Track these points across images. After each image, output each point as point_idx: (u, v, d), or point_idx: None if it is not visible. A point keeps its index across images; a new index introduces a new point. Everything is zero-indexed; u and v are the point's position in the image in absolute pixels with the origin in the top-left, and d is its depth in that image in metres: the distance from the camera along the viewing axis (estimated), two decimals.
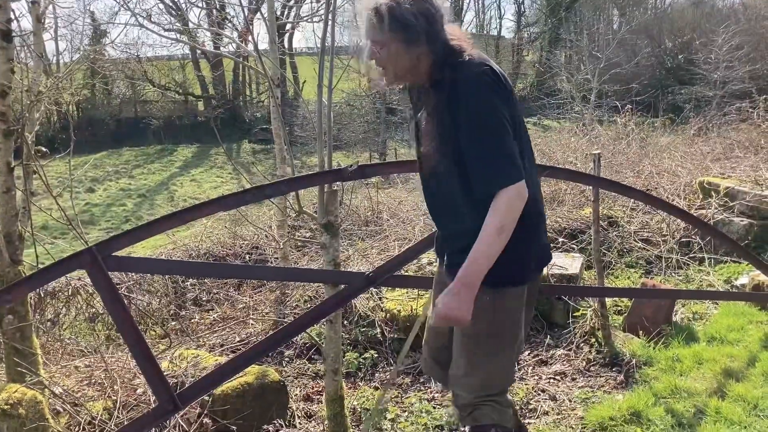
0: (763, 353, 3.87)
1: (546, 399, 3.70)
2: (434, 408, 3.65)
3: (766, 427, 3.07)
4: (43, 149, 3.53)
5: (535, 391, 3.81)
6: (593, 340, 4.27)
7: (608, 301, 4.56)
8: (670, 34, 33.33)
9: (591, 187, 4.41)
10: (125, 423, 3.11)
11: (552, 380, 3.99)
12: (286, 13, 19.48)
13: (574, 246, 5.67)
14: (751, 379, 3.58)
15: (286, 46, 27.93)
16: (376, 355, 4.23)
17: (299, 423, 3.60)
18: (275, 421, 3.48)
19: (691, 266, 5.63)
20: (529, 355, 4.37)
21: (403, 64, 2.14)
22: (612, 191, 4.41)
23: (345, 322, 4.46)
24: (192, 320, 5.33)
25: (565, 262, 5.01)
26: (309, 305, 4.74)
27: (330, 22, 3.19)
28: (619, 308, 4.76)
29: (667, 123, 13.57)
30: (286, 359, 4.39)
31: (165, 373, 3.66)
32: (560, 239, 5.81)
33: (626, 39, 31.15)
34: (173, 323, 5.33)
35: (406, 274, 4.52)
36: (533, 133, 27.51)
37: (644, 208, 6.56)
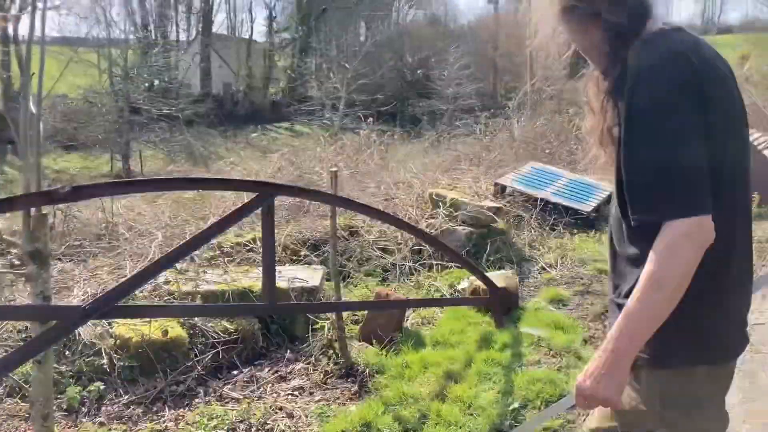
0: (478, 354, 4.30)
1: (283, 417, 3.70)
2: None
3: (477, 425, 3.40)
4: None
5: (273, 410, 3.78)
6: (331, 351, 4.38)
7: (346, 311, 4.74)
8: (411, 49, 36.08)
9: None
10: None
11: (290, 396, 4.01)
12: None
13: (315, 258, 5.79)
14: (468, 380, 3.95)
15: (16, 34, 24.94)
16: (102, 387, 3.88)
17: None
18: None
19: (422, 272, 6.08)
20: (269, 371, 4.35)
21: (576, 39, 1.64)
22: (348, 209, 4.60)
23: (67, 352, 4.04)
24: None
25: (306, 275, 5.09)
26: (24, 336, 4.21)
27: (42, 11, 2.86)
28: (357, 318, 4.96)
29: (405, 136, 14.62)
30: None
31: None
32: (303, 251, 5.90)
33: (372, 51, 33.04)
34: None
35: (137, 302, 4.23)
36: (285, 138, 27.91)
37: None
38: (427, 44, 35.08)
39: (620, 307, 1.61)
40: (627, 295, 1.57)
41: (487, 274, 5.11)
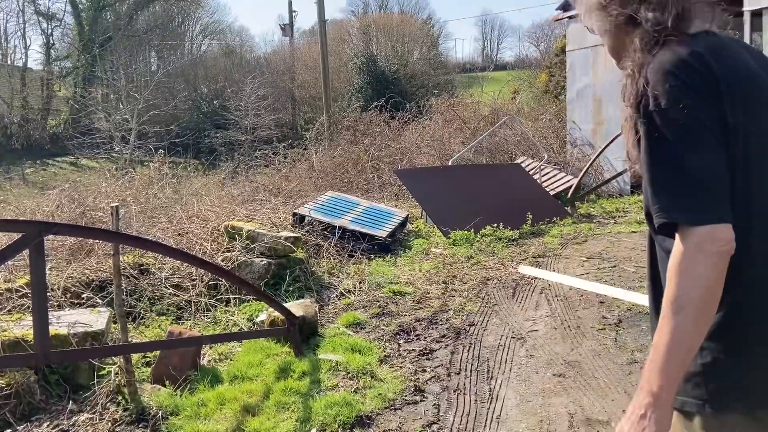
0: (276, 384, 4.27)
1: None
2: None
3: None
4: None
5: None
6: (120, 397, 4.11)
7: (136, 354, 4.48)
8: (205, 80, 35.35)
9: None
10: None
11: None
12: None
13: (100, 300, 5.40)
14: (266, 412, 3.91)
15: None
16: None
17: None
18: None
19: (219, 308, 5.92)
20: (48, 426, 3.95)
21: (606, 38, 1.55)
22: (131, 246, 4.35)
23: None
24: None
25: (90, 319, 4.73)
26: None
27: None
28: (148, 360, 4.71)
29: (200, 168, 14.25)
30: None
31: None
32: (86, 294, 5.47)
33: (164, 82, 31.88)
34: None
35: None
36: (67, 174, 25.81)
37: None
38: (222, 75, 34.58)
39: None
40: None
41: (286, 304, 5.12)
